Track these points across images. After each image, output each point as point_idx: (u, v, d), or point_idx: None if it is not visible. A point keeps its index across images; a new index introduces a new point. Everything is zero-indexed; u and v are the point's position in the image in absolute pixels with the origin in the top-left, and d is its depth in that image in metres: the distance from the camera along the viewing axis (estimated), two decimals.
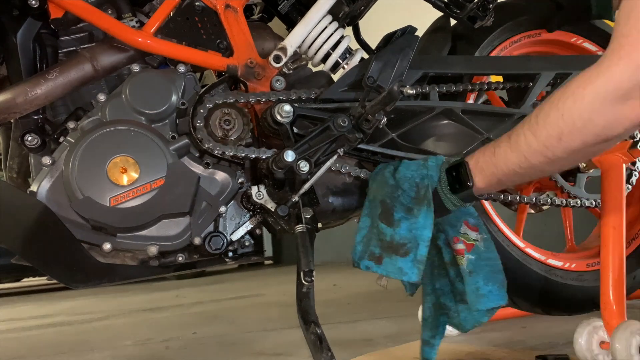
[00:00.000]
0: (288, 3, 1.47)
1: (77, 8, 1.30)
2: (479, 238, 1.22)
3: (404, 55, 1.37)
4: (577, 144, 0.98)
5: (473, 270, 1.20)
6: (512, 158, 1.07)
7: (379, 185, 1.23)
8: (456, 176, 1.16)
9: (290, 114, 1.28)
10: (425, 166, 1.20)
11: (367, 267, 1.18)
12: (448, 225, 1.23)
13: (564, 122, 0.98)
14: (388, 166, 1.27)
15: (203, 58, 1.36)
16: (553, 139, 1.00)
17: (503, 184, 1.14)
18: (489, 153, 1.12)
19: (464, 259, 1.21)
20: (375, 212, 1.20)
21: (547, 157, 1.02)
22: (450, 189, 1.16)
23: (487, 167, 1.11)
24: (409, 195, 1.18)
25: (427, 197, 1.16)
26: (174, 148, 1.28)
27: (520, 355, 1.52)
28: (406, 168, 1.21)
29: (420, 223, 1.15)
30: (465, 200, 1.17)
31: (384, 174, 1.24)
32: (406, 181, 1.20)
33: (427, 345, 1.31)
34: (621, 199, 1.43)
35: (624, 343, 1.28)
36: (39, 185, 1.25)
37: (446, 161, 1.20)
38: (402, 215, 1.17)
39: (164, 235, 1.29)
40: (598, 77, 0.94)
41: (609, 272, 1.39)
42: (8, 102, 1.23)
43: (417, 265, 1.13)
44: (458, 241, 1.22)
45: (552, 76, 1.51)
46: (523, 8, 1.72)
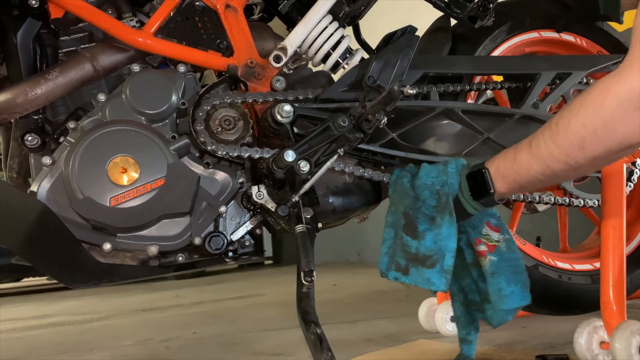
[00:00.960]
0: (288, 3, 1.47)
1: (77, 8, 1.30)
2: (501, 239, 1.23)
3: (404, 55, 1.37)
4: (600, 151, 0.98)
5: (495, 271, 1.21)
6: (534, 165, 1.07)
7: (399, 196, 1.23)
8: (477, 182, 1.16)
9: (290, 114, 1.28)
10: (445, 172, 1.19)
11: (395, 277, 1.19)
12: (470, 227, 1.23)
13: (586, 131, 0.97)
14: (406, 172, 1.26)
15: (203, 58, 1.36)
16: (575, 147, 1.00)
17: (524, 189, 1.15)
18: (510, 159, 1.12)
19: (486, 261, 1.21)
20: (398, 223, 1.20)
21: (570, 164, 1.02)
22: (471, 195, 1.17)
23: (508, 173, 1.12)
24: (430, 205, 1.19)
25: (449, 206, 1.16)
26: (174, 148, 1.28)
27: (520, 355, 1.52)
28: (426, 175, 1.21)
29: (444, 234, 1.15)
30: (486, 205, 1.18)
31: (403, 183, 1.24)
32: (426, 189, 1.20)
33: (464, 343, 1.32)
34: (621, 199, 1.43)
35: (624, 343, 1.28)
36: (39, 185, 1.25)
37: (466, 166, 1.20)
38: (425, 226, 1.17)
39: (164, 235, 1.29)
40: (619, 84, 0.94)
41: (609, 272, 1.39)
42: (8, 102, 1.23)
43: (445, 276, 1.14)
44: (480, 243, 1.22)
45: (552, 76, 1.51)
46: (525, 8, 1.72)
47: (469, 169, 1.18)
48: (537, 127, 1.49)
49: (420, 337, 1.83)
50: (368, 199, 1.42)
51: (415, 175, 1.24)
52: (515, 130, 1.47)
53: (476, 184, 1.16)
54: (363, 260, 5.52)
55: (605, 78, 0.97)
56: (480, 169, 1.15)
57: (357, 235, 5.30)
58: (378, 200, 1.45)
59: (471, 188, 1.17)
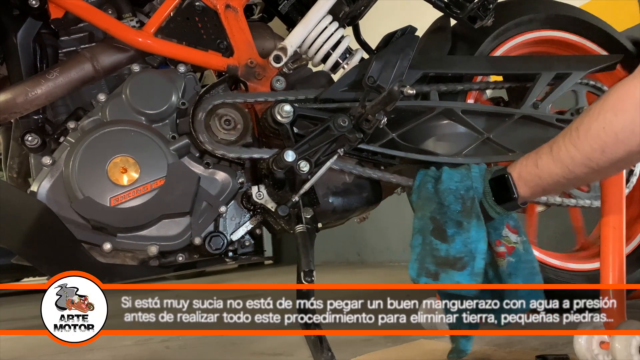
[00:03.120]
0: (288, 3, 1.47)
1: (78, 8, 1.30)
2: (519, 241, 1.24)
3: (404, 55, 1.37)
4: (621, 154, 1.00)
5: (513, 272, 1.22)
6: (556, 170, 1.08)
7: (425, 202, 1.24)
8: (499, 187, 1.18)
9: (290, 114, 1.28)
10: (469, 177, 1.21)
11: (427, 282, 1.19)
12: (491, 229, 1.24)
13: (606, 135, 0.99)
14: (429, 177, 1.27)
15: (203, 58, 1.36)
16: (596, 151, 1.01)
17: (547, 192, 1.17)
18: (531, 164, 1.13)
19: (504, 262, 1.22)
20: (426, 228, 1.21)
21: (592, 168, 1.03)
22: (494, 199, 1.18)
23: (531, 178, 1.13)
24: (455, 210, 1.20)
25: (476, 210, 1.17)
26: (174, 148, 1.28)
27: (520, 355, 1.52)
28: (450, 179, 1.22)
29: (473, 237, 1.16)
30: (508, 210, 1.19)
31: (428, 188, 1.25)
32: (451, 194, 1.20)
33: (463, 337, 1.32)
34: (621, 198, 1.43)
35: (624, 343, 1.28)
36: (39, 185, 1.25)
37: (488, 171, 1.21)
38: (454, 230, 1.18)
39: (164, 235, 1.29)
40: (637, 88, 0.96)
41: (609, 272, 1.39)
42: (8, 102, 1.23)
43: (475, 278, 1.15)
44: (500, 244, 1.23)
45: (552, 76, 1.51)
46: (525, 7, 1.72)
47: (491, 174, 1.20)
48: (536, 127, 1.51)
49: (420, 337, 1.83)
50: (368, 199, 1.42)
51: (438, 179, 1.25)
52: (515, 130, 1.47)
53: (499, 189, 1.18)
54: (363, 260, 5.52)
55: (624, 82, 0.99)
56: (503, 175, 1.17)
57: (357, 235, 5.29)
58: (378, 200, 1.45)
59: (494, 193, 1.18)
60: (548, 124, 1.50)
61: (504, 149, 1.45)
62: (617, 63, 1.61)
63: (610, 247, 1.41)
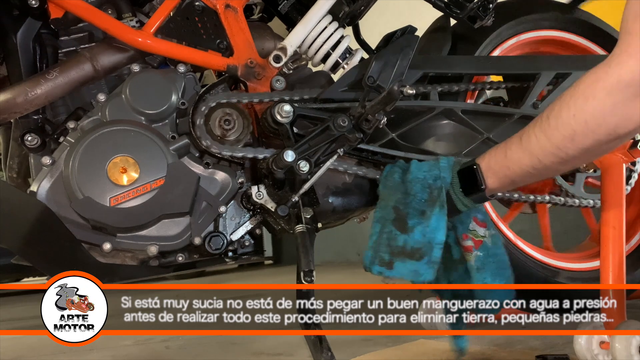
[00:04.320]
0: (288, 3, 1.47)
1: (77, 8, 1.30)
2: (487, 234, 1.23)
3: (404, 55, 1.37)
4: (590, 143, 0.98)
5: (481, 266, 1.21)
6: (525, 160, 1.07)
7: (390, 191, 1.23)
8: (468, 178, 1.16)
9: (290, 114, 1.28)
10: (437, 167, 1.20)
11: (379, 272, 1.18)
12: (458, 223, 1.23)
13: (576, 122, 0.98)
14: (396, 168, 1.27)
15: (203, 58, 1.36)
16: (566, 139, 1.00)
17: (516, 184, 1.15)
18: (501, 155, 1.12)
19: (472, 256, 1.21)
20: (387, 217, 1.20)
21: (561, 157, 1.02)
22: (462, 191, 1.17)
23: (499, 169, 1.12)
24: (421, 199, 1.19)
25: (441, 199, 1.16)
26: (174, 148, 1.28)
27: (520, 355, 1.52)
28: (418, 169, 1.22)
29: (432, 226, 1.15)
30: (476, 202, 1.18)
31: (394, 178, 1.24)
32: (418, 182, 1.20)
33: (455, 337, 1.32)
34: (621, 198, 1.43)
35: (624, 343, 1.28)
36: (39, 185, 1.25)
37: (456, 162, 1.20)
38: (415, 221, 1.17)
39: (164, 235, 1.29)
40: (607, 75, 0.94)
41: (609, 272, 1.39)
42: (8, 102, 1.23)
43: (432, 266, 1.14)
44: (467, 238, 1.22)
45: (552, 76, 1.51)
46: (525, 7, 1.72)
47: (460, 165, 1.19)
48: None
49: (420, 337, 1.83)
50: (368, 199, 1.42)
51: (406, 170, 1.24)
52: (515, 130, 1.45)
53: (467, 180, 1.16)
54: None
55: (595, 68, 0.97)
56: (471, 165, 1.15)
57: (357, 235, 5.29)
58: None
59: (462, 184, 1.17)
60: None
61: None
62: None
63: (610, 247, 1.41)
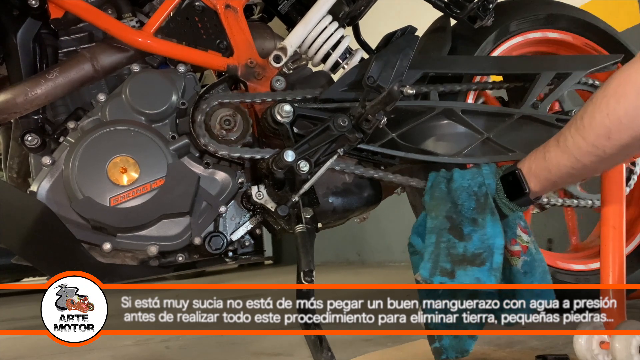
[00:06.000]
0: (288, 3, 1.47)
1: (77, 8, 1.30)
2: (530, 240, 1.25)
3: (404, 55, 1.37)
4: (627, 139, 1.00)
5: (528, 271, 1.23)
6: (564, 161, 1.09)
7: (438, 202, 1.24)
8: (511, 183, 1.18)
9: (290, 114, 1.28)
10: (480, 174, 1.21)
11: (441, 282, 1.18)
12: (507, 227, 1.24)
13: (610, 121, 1.00)
14: (441, 177, 1.27)
15: (203, 58, 1.36)
16: (602, 138, 1.02)
17: (557, 185, 1.18)
18: (540, 158, 1.14)
19: (519, 261, 1.23)
20: (442, 227, 1.21)
21: (599, 155, 1.04)
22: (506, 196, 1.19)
23: (540, 172, 1.14)
24: (469, 207, 1.20)
25: (489, 206, 1.18)
26: (174, 148, 1.28)
27: (520, 355, 1.52)
28: (461, 177, 1.23)
29: (490, 233, 1.17)
30: (521, 205, 1.20)
31: (441, 188, 1.25)
32: (464, 191, 1.21)
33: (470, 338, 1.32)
34: (621, 198, 1.43)
35: (624, 343, 1.28)
36: (39, 185, 1.25)
37: (499, 169, 1.22)
38: (470, 228, 1.18)
39: (164, 235, 1.29)
40: (637, 73, 0.97)
41: (609, 272, 1.39)
42: (8, 102, 1.23)
43: (494, 274, 1.15)
44: (515, 243, 1.24)
45: (552, 76, 1.51)
46: (525, 7, 1.72)
47: (502, 171, 1.21)
48: (536, 127, 1.51)
49: (420, 337, 1.83)
50: (368, 199, 1.42)
51: (449, 179, 1.25)
52: (515, 130, 1.47)
53: (510, 185, 1.18)
54: (363, 260, 5.51)
55: (624, 68, 1.00)
56: (514, 170, 1.18)
57: (357, 235, 5.29)
58: (378, 201, 1.45)
59: (506, 189, 1.19)
60: (548, 124, 1.50)
61: (503, 149, 1.45)
62: (617, 63, 1.61)
63: (610, 247, 1.41)
